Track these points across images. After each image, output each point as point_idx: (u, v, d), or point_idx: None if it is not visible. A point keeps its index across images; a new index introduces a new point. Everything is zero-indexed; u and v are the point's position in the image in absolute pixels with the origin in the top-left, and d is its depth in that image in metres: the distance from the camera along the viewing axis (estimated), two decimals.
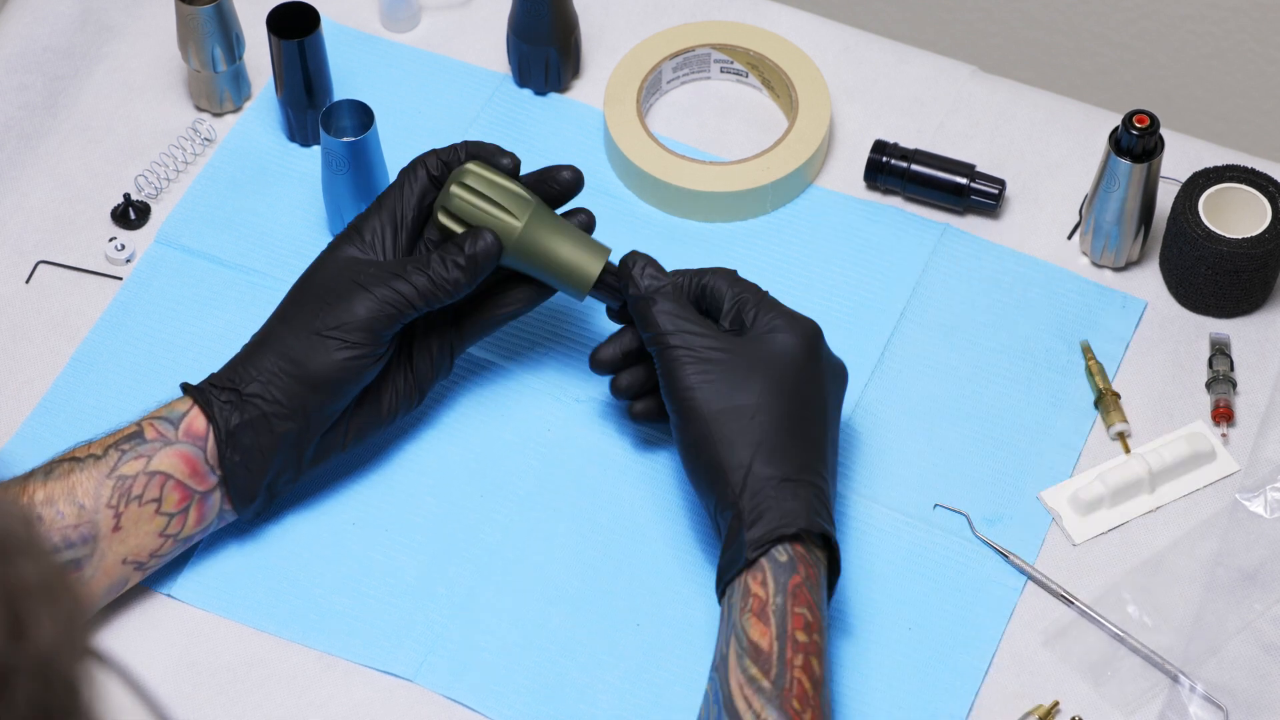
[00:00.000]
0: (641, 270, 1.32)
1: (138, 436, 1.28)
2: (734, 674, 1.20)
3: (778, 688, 1.19)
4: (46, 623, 0.64)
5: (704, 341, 1.28)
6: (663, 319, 1.30)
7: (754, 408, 1.26)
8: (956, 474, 1.38)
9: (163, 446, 1.27)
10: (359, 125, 1.43)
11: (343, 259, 1.32)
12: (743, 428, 1.26)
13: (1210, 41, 2.21)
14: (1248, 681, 1.30)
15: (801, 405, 1.27)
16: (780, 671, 1.19)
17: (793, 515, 1.23)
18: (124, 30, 1.59)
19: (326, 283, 1.31)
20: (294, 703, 1.29)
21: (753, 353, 1.28)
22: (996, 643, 1.32)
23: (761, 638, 1.20)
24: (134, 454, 1.27)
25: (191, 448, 1.28)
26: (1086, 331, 1.44)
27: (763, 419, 1.26)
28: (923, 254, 1.48)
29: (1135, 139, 1.40)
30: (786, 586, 1.21)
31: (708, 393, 1.27)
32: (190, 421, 1.29)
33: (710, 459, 1.26)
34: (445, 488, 1.37)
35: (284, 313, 1.32)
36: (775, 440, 1.25)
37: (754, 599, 1.21)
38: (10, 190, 1.50)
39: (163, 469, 1.27)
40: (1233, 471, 1.39)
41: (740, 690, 1.19)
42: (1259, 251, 1.42)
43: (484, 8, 1.61)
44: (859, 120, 1.55)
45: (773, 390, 1.27)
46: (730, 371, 1.27)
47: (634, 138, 1.50)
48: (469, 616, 1.32)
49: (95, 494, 1.25)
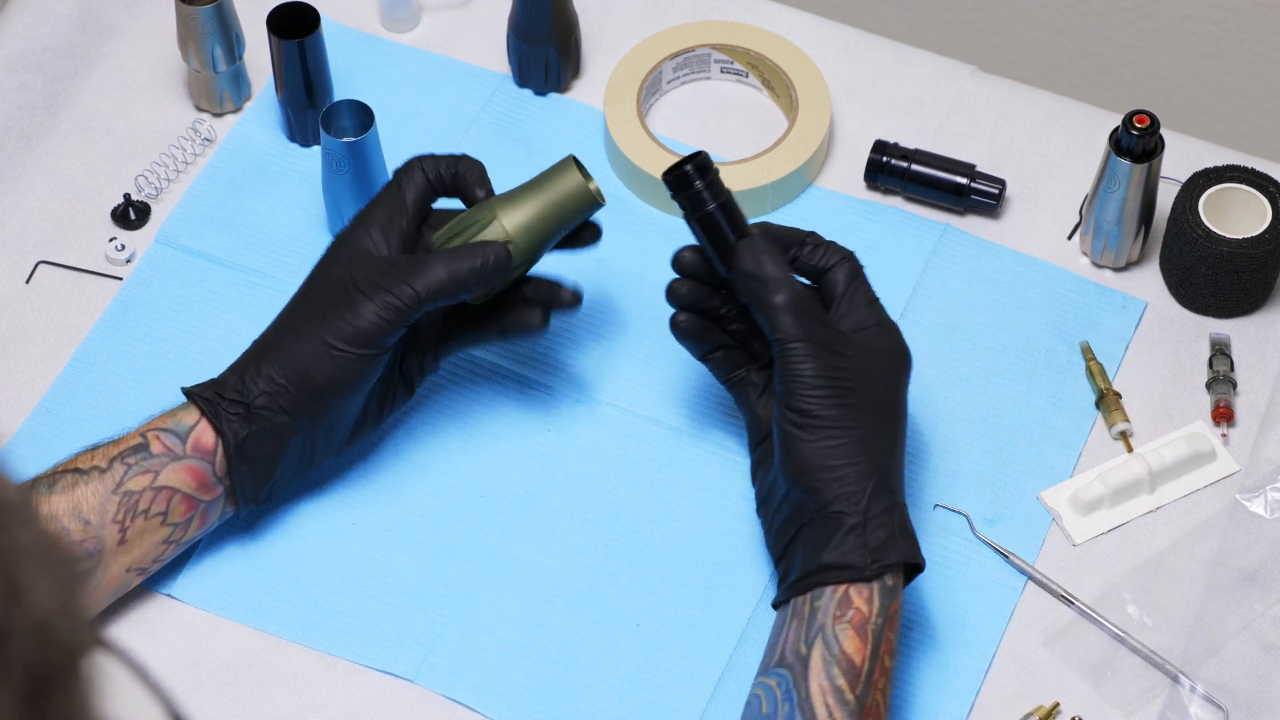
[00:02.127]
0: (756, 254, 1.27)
1: (143, 449, 1.27)
2: (818, 677, 1.19)
3: (859, 704, 1.18)
4: (43, 587, 0.64)
5: (830, 338, 1.25)
6: (788, 319, 1.25)
7: (887, 404, 1.25)
8: (956, 474, 1.38)
9: (170, 461, 1.27)
10: (359, 125, 1.43)
11: (346, 256, 1.30)
12: (879, 428, 1.24)
13: (1210, 41, 2.21)
14: (1248, 682, 1.30)
15: (893, 420, 1.27)
16: (865, 690, 1.19)
17: (915, 547, 1.23)
18: (124, 30, 1.59)
19: (331, 286, 1.30)
20: (294, 703, 1.29)
21: (874, 361, 1.26)
22: (996, 643, 1.32)
23: (856, 652, 1.19)
24: (140, 468, 1.26)
25: (200, 462, 1.27)
26: (1087, 332, 1.44)
27: (895, 426, 1.25)
28: (923, 254, 1.48)
29: (1135, 139, 1.40)
30: (888, 610, 1.21)
31: (834, 389, 1.24)
32: (198, 435, 1.27)
33: (822, 450, 1.23)
34: (445, 488, 1.37)
35: (289, 318, 1.31)
36: (892, 459, 1.25)
37: (855, 612, 1.20)
38: (10, 190, 1.50)
39: (170, 484, 1.27)
40: (1233, 472, 1.39)
41: (823, 695, 1.18)
42: (1259, 251, 1.42)
43: (484, 8, 1.61)
44: (859, 120, 1.55)
45: (898, 396, 1.26)
46: (854, 377, 1.25)
47: (634, 138, 1.50)
48: (469, 616, 1.32)
49: (100, 509, 1.25)
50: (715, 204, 1.28)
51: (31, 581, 0.64)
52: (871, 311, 1.28)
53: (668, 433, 1.40)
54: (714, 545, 1.35)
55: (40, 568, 0.64)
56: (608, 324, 1.44)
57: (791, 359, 1.25)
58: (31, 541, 0.65)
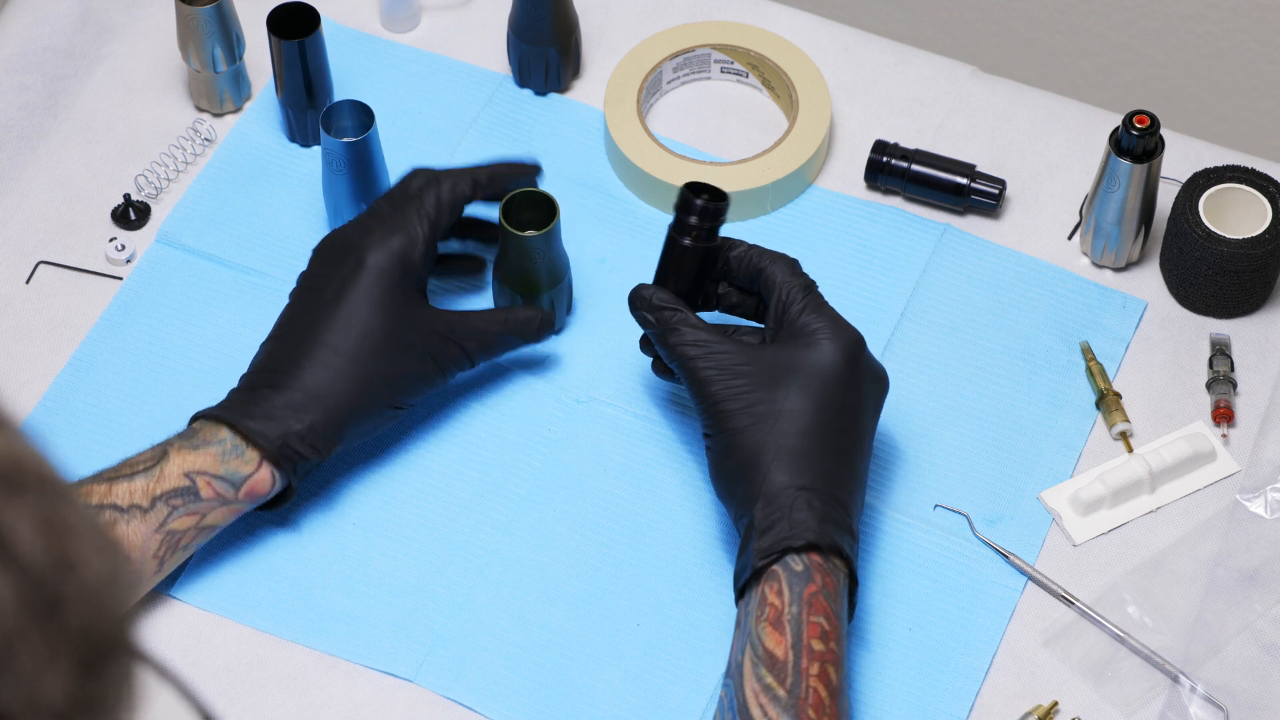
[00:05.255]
0: (650, 305, 1.32)
1: (191, 493, 1.26)
2: (749, 682, 1.20)
3: (793, 696, 1.18)
4: (93, 558, 0.66)
5: (730, 359, 1.28)
6: (686, 349, 1.29)
7: (779, 414, 1.25)
8: (956, 474, 1.38)
9: (219, 506, 1.28)
10: (359, 125, 1.43)
11: (410, 316, 1.34)
12: (765, 435, 1.25)
13: (1210, 41, 2.21)
14: (1248, 682, 1.30)
15: (834, 414, 1.26)
16: (796, 680, 1.19)
17: (802, 526, 1.22)
18: (124, 30, 1.59)
19: (398, 345, 1.33)
20: (294, 703, 1.29)
21: (787, 359, 1.27)
22: (996, 643, 1.32)
23: (777, 646, 1.20)
24: (186, 510, 1.26)
25: (249, 505, 1.29)
26: (1087, 332, 1.44)
27: (787, 426, 1.25)
28: (923, 254, 1.48)
29: (1135, 139, 1.40)
30: (802, 595, 1.21)
31: (734, 405, 1.26)
32: (254, 484, 1.28)
33: (732, 466, 1.26)
34: (445, 488, 1.37)
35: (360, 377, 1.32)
36: (798, 447, 1.25)
37: (770, 608, 1.21)
38: (10, 190, 1.50)
39: (215, 524, 1.29)
40: (1233, 472, 1.39)
41: (756, 698, 1.19)
42: (1259, 252, 1.42)
43: (484, 8, 1.61)
44: (859, 120, 1.55)
45: (803, 397, 1.26)
46: (757, 382, 1.27)
47: (634, 138, 1.50)
48: (469, 616, 1.32)
49: (143, 548, 1.26)
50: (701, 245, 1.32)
51: (82, 553, 0.66)
52: (809, 303, 1.30)
53: (668, 433, 1.40)
54: (714, 545, 1.35)
55: (89, 541, 0.66)
56: (608, 324, 1.44)
57: (687, 377, 1.29)
58: (79, 519, 0.67)
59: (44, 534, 0.65)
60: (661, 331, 1.30)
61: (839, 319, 1.29)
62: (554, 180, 1.50)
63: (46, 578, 0.64)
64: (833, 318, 1.29)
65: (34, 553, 0.64)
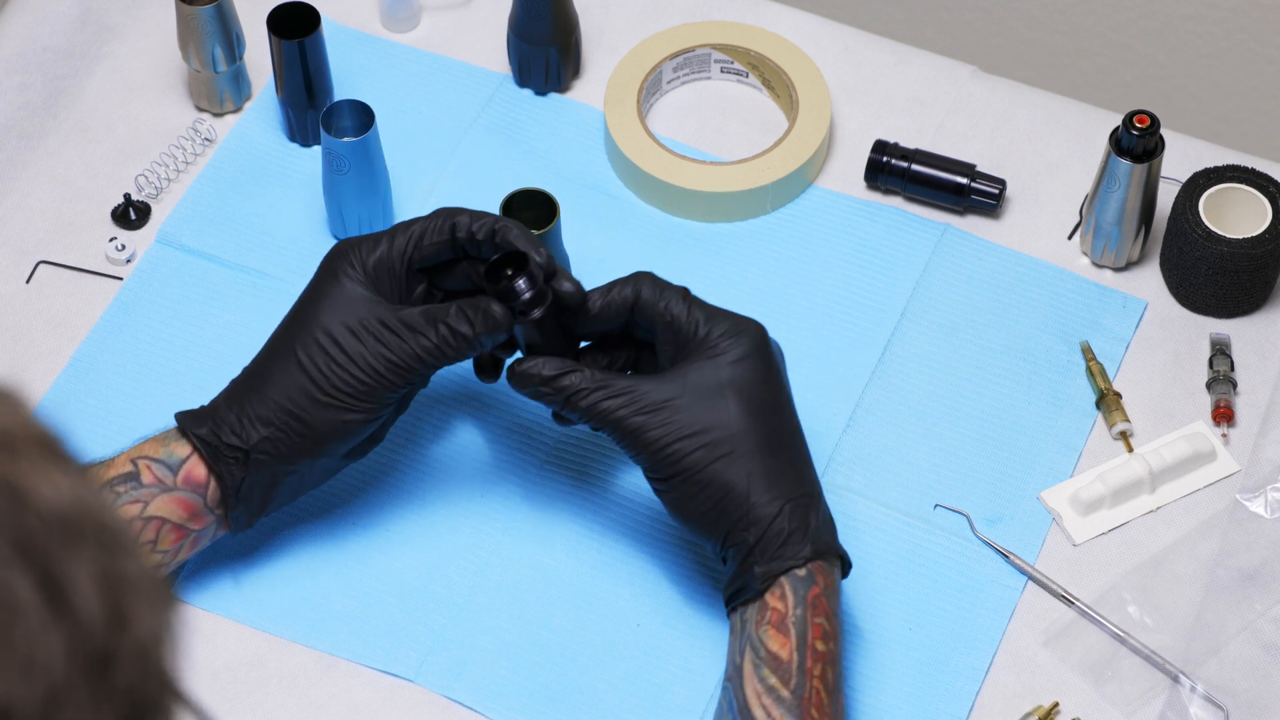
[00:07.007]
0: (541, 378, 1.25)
1: (133, 478, 1.25)
2: (750, 684, 1.20)
3: (797, 697, 1.18)
4: (147, 616, 0.66)
5: (655, 395, 1.23)
6: (605, 404, 1.24)
7: (732, 436, 1.23)
8: (956, 474, 1.38)
9: (160, 492, 1.25)
10: (359, 125, 1.43)
11: (348, 299, 1.27)
12: (730, 463, 1.23)
13: (1210, 41, 2.21)
14: (1248, 681, 1.30)
15: (773, 412, 1.25)
16: (800, 681, 1.19)
17: (800, 543, 1.21)
18: (124, 30, 1.59)
19: (331, 327, 1.26)
20: (294, 703, 1.29)
21: (711, 375, 1.24)
22: (996, 643, 1.32)
23: (781, 648, 1.20)
24: (129, 497, 1.25)
25: (190, 494, 1.26)
26: (1087, 331, 1.44)
27: (746, 446, 1.23)
28: (923, 254, 1.48)
29: (1135, 139, 1.40)
30: (806, 598, 1.21)
31: (683, 444, 1.23)
32: (190, 470, 1.25)
33: (705, 505, 1.23)
34: (445, 488, 1.37)
35: (285, 355, 1.26)
36: (765, 463, 1.23)
37: (772, 612, 1.21)
38: (10, 190, 1.50)
39: (159, 514, 1.25)
40: (1233, 472, 1.39)
41: (758, 699, 1.19)
42: (1259, 251, 1.42)
43: (484, 8, 1.61)
44: (859, 120, 1.55)
45: (744, 410, 1.23)
46: (694, 412, 1.23)
47: (634, 138, 1.50)
48: (469, 616, 1.32)
49: None
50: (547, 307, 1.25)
51: (136, 609, 0.65)
52: (695, 312, 1.25)
53: None
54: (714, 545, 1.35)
55: (144, 598, 0.66)
56: None
57: (620, 435, 1.24)
58: (137, 572, 0.66)
59: (102, 588, 0.64)
60: (568, 398, 1.24)
61: (733, 315, 1.26)
62: (554, 180, 1.50)
63: (99, 633, 0.64)
64: (728, 316, 1.26)
65: (90, 607, 0.64)
